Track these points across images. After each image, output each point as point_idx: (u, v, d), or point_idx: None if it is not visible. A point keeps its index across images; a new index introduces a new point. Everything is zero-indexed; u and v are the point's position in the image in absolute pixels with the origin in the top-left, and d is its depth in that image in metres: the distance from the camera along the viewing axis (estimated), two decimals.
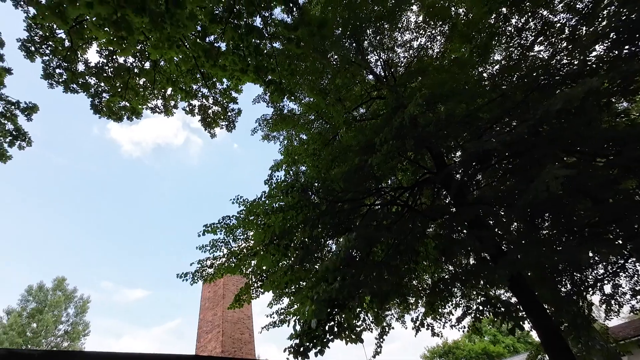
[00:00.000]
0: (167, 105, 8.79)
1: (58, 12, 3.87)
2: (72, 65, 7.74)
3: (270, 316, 6.78)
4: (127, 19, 3.57)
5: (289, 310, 6.92)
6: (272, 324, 6.85)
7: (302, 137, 9.34)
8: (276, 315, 6.87)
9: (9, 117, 7.22)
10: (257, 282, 5.79)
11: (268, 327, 6.81)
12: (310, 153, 5.99)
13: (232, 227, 5.99)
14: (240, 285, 17.32)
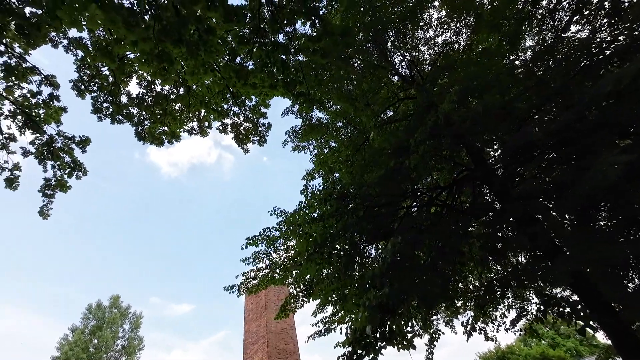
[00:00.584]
0: (202, 126, 9.25)
1: (107, 52, 4.29)
2: (116, 98, 8.40)
3: (315, 325, 6.80)
4: (167, 51, 3.85)
5: (333, 319, 6.91)
6: (318, 333, 6.86)
7: (332, 144, 9.42)
8: (321, 324, 6.88)
9: (66, 150, 7.96)
10: (302, 291, 5.86)
11: (314, 336, 6.83)
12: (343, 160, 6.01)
13: (273, 239, 6.13)
14: (281, 296, 17.57)
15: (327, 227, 4.51)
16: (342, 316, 6.88)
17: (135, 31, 3.37)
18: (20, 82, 7.57)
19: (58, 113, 7.88)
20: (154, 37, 3.63)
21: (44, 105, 7.67)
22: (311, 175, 9.24)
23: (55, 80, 7.82)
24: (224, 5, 5.05)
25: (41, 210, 7.61)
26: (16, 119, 7.55)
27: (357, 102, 6.32)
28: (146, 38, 3.58)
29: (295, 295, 6.01)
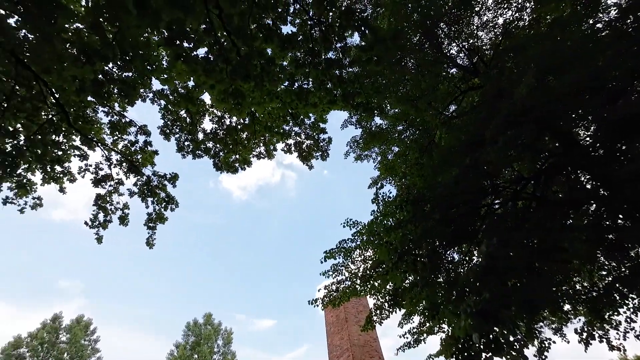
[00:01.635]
0: (268, 149, 9.87)
1: (189, 98, 4.95)
2: (194, 136, 9.46)
3: (403, 337, 6.57)
4: (239, 88, 4.27)
5: (421, 329, 6.61)
6: (407, 344, 6.62)
7: (395, 149, 9.24)
8: (409, 335, 6.63)
9: (161, 187, 9.19)
10: (387, 302, 5.75)
11: (403, 348, 6.60)
12: (412, 163, 5.85)
13: (349, 250, 6.17)
14: (360, 308, 17.39)
15: (406, 234, 4.39)
16: (431, 326, 6.54)
17: (212, 76, 3.83)
18: (121, 135, 9.05)
19: (152, 156, 9.17)
20: (227, 78, 4.07)
21: (141, 151, 9.01)
22: (377, 182, 9.14)
23: (147, 129, 9.15)
24: (278, 36, 5.43)
25: (147, 240, 8.82)
26: (122, 166, 8.99)
27: (418, 102, 6.15)
28: (221, 80, 4.03)
29: (380, 306, 5.92)
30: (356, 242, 5.98)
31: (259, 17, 5.18)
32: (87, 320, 26.61)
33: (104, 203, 8.78)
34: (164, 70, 5.08)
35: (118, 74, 6.43)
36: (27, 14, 4.86)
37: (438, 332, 6.69)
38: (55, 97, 7.87)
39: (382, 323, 5.96)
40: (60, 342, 24.45)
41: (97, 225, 8.59)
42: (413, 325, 6.62)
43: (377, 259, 6.08)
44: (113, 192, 8.91)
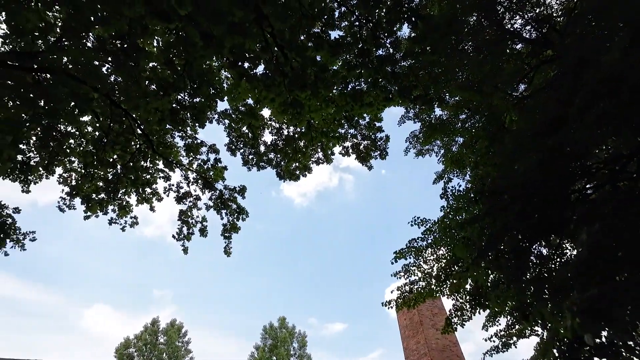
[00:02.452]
0: (326, 154, 10.04)
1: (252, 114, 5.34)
2: (257, 149, 10.05)
3: (489, 340, 6.07)
4: (297, 98, 4.45)
5: (510, 332, 6.04)
6: (494, 348, 6.10)
7: (459, 140, 8.68)
8: (496, 338, 6.10)
9: (232, 199, 9.95)
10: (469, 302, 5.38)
11: (491, 353, 6.09)
12: (482, 152, 5.41)
13: (420, 249, 5.94)
14: (435, 310, 16.53)
15: (484, 228, 4.06)
16: (522, 328, 5.94)
17: (272, 90, 4.06)
18: (195, 155, 10.03)
19: (222, 172, 9.99)
20: (285, 90, 4.28)
21: (212, 168, 9.88)
22: (442, 176, 8.66)
23: (216, 147, 10.01)
24: (328, 42, 5.53)
25: (225, 249, 9.59)
26: (198, 183, 9.95)
27: (482, 86, 5.71)
28: (279, 92, 4.25)
29: (460, 307, 5.56)
30: (427, 240, 5.73)
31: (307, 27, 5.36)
32: (179, 324, 29.73)
33: (186, 217, 9.79)
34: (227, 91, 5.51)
35: (189, 101, 7.19)
36: (116, 60, 5.71)
37: (530, 335, 6.05)
38: (141, 129, 9.07)
39: (464, 325, 5.58)
40: (159, 344, 27.71)
41: (182, 238, 9.60)
42: (500, 327, 6.08)
43: (451, 257, 5.75)
44: (192, 207, 9.89)
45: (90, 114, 8.53)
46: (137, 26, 4.84)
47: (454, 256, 5.11)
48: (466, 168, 7.25)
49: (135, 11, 3.73)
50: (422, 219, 6.26)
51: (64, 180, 9.19)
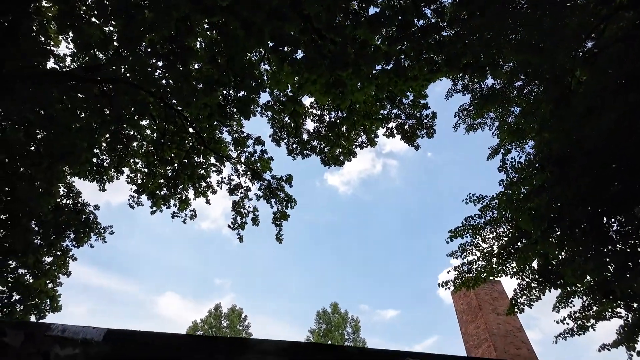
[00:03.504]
0: (369, 137, 9.86)
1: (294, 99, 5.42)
2: (300, 138, 10.19)
3: (562, 322, 5.61)
4: (339, 77, 4.40)
5: (586, 314, 5.52)
6: (569, 331, 5.62)
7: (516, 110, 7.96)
8: (570, 320, 5.62)
9: (280, 189, 10.26)
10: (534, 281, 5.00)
11: (564, 336, 5.63)
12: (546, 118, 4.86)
13: (477, 227, 5.63)
14: (494, 294, 15.67)
15: (554, 199, 3.67)
16: (601, 310, 5.39)
17: (313, 71, 4.05)
18: (242, 148, 10.46)
19: (268, 163, 10.31)
20: (326, 70, 4.24)
21: (259, 159, 10.24)
22: (497, 151, 8.04)
23: (261, 139, 10.34)
24: (366, 18, 5.35)
25: (277, 236, 9.97)
26: (247, 175, 10.40)
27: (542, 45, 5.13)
28: (321, 73, 4.23)
29: (527, 285, 5.18)
30: (485, 217, 5.40)
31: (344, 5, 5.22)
32: (239, 310, 31.79)
33: (239, 208, 10.31)
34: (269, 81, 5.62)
35: (234, 95, 7.48)
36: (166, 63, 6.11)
37: (612, 317, 5.47)
38: (193, 127, 9.68)
39: (532, 306, 5.21)
40: (223, 327, 29.95)
41: (237, 227, 10.15)
42: (574, 308, 5.58)
43: (514, 234, 5.36)
44: (244, 198, 10.38)
45: (148, 117, 9.30)
46: (183, 27, 5.10)
47: (520, 231, 4.75)
48: (526, 139, 6.64)
49: (182, 11, 3.93)
50: (479, 195, 5.90)
51: (131, 180, 10.15)
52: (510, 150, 6.26)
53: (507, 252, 5.17)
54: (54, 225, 7.41)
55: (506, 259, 5.37)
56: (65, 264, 8.04)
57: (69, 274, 8.12)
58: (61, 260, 7.54)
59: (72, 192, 7.56)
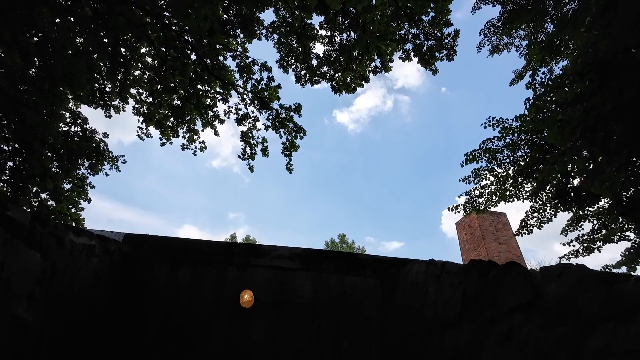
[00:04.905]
0: (384, 61, 9.16)
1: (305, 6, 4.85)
2: (308, 63, 9.55)
3: (568, 244, 5.72)
4: None
5: (594, 237, 5.58)
6: (573, 253, 5.76)
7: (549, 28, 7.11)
8: (577, 243, 5.72)
9: (288, 119, 9.97)
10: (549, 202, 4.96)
11: (569, 257, 5.79)
12: (587, 25, 4.25)
13: (495, 151, 5.43)
14: (499, 225, 16.11)
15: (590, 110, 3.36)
16: (609, 234, 5.43)
17: None
18: (248, 75, 9.92)
19: (276, 91, 9.85)
20: None
21: (267, 87, 9.77)
22: (522, 75, 7.42)
23: (267, 65, 9.73)
24: None
25: (287, 166, 10.00)
26: (255, 104, 10.04)
27: None
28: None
29: (540, 208, 5.16)
30: (504, 139, 5.17)
31: None
32: (252, 239, 33.90)
33: (248, 138, 10.19)
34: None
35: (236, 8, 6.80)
36: None
37: (620, 239, 5.54)
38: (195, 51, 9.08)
39: (542, 227, 5.26)
40: None
41: (246, 157, 10.16)
42: (583, 232, 5.64)
43: (531, 158, 5.17)
44: (252, 128, 10.19)
45: (147, 42, 8.70)
46: None
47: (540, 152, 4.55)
48: (558, 57, 6.02)
49: None
50: (499, 119, 5.59)
51: (137, 111, 9.92)
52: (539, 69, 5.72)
53: (525, 175, 5.05)
54: (66, 153, 7.47)
55: (522, 182, 5.27)
56: (84, 190, 8.31)
57: (89, 201, 8.46)
58: (79, 186, 7.78)
59: (79, 119, 7.46)
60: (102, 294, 2.87)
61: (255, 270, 3.64)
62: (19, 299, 1.62)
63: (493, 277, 1.71)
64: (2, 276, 1.47)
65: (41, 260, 1.78)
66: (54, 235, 1.87)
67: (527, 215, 5.37)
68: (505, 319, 1.54)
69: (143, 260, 3.41)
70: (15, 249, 1.58)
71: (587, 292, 1.12)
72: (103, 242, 2.64)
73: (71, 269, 2.09)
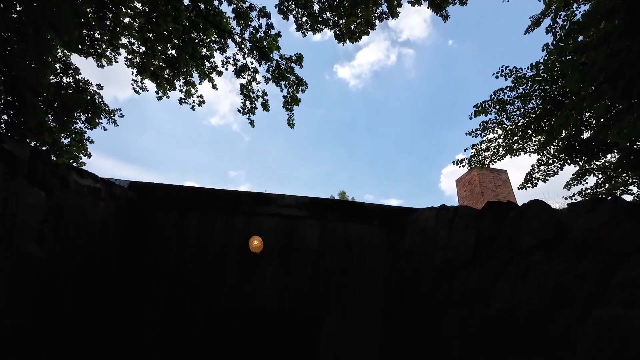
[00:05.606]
0: (391, 6, 8.52)
1: None
2: (310, 9, 8.89)
3: (571, 198, 5.75)
4: None
5: (598, 190, 5.58)
6: None
7: None
8: (579, 196, 5.74)
9: (289, 70, 9.51)
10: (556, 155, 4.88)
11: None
12: None
13: (506, 102, 5.24)
14: (498, 182, 16.19)
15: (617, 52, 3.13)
16: (613, 187, 5.42)
17: None
18: (246, 22, 9.28)
19: (276, 40, 9.28)
20: None
21: (266, 36, 9.19)
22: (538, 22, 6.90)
23: (266, 10, 9.06)
24: None
25: (288, 121, 9.76)
26: (254, 54, 9.51)
27: None
28: None
29: (546, 161, 5.10)
30: (517, 90, 4.95)
31: None
32: None
33: (247, 92, 9.81)
34: None
35: None
36: None
37: (623, 193, 5.55)
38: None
39: (547, 180, 5.24)
40: None
41: (247, 112, 9.87)
42: (586, 186, 5.63)
43: (543, 110, 4.98)
44: (252, 80, 9.76)
45: None
46: None
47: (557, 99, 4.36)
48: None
49: None
50: (513, 68, 5.31)
51: (130, 62, 9.43)
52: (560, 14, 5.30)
53: (535, 128, 4.91)
54: (61, 106, 7.22)
55: (530, 135, 5.15)
56: (83, 145, 8.18)
57: (89, 156, 8.36)
58: (78, 140, 7.63)
59: (70, 69, 7.10)
60: (111, 240, 2.89)
61: (263, 218, 3.67)
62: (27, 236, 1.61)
63: (511, 218, 1.69)
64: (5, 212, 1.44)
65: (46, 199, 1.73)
66: (56, 174, 1.81)
67: (533, 169, 5.32)
68: (522, 258, 1.54)
69: (151, 208, 3.41)
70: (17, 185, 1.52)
71: (619, 225, 1.09)
72: (108, 186, 2.60)
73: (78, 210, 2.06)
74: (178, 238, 3.46)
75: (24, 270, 1.63)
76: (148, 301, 3.32)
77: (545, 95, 5.00)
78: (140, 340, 3.14)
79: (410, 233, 3.12)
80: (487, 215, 1.93)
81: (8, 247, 1.48)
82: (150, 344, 3.16)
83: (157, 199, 3.48)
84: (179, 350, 3.28)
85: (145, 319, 3.21)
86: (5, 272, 1.51)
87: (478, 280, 1.87)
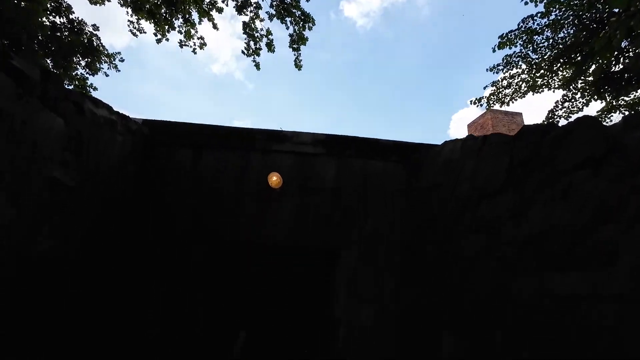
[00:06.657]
0: None
1: None
2: None
3: None
4: None
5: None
6: None
7: None
8: None
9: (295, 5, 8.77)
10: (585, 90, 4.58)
11: None
12: None
13: (534, 32, 4.81)
14: (512, 126, 15.69)
15: None
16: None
17: None
18: None
19: None
20: None
21: None
22: None
23: None
24: None
25: (295, 62, 9.27)
26: None
27: None
28: None
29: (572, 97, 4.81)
30: (549, 17, 4.50)
31: None
32: None
33: (250, 31, 9.18)
34: None
35: None
36: None
37: None
38: None
39: (570, 117, 5.01)
40: None
41: (251, 53, 9.34)
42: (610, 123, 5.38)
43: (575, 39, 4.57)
44: (255, 17, 9.08)
45: None
46: None
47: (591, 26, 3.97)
48: None
49: None
50: None
51: (124, 0, 8.75)
52: None
53: (563, 60, 4.56)
54: (59, 49, 6.90)
55: (557, 69, 4.81)
56: (86, 92, 7.97)
57: None
58: (81, 86, 7.42)
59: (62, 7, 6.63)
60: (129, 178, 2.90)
61: (278, 155, 3.63)
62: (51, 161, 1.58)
63: (552, 138, 1.60)
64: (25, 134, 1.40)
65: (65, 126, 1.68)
66: (70, 100, 1.73)
67: (556, 105, 5.05)
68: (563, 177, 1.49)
69: (165, 144, 3.37)
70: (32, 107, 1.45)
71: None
72: (124, 119, 2.53)
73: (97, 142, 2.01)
74: (195, 174, 3.46)
75: (52, 198, 1.63)
76: (166, 243, 3.42)
77: (579, 22, 4.56)
78: (153, 289, 3.29)
79: (432, 167, 3.06)
80: (523, 138, 1.84)
81: (33, 170, 1.45)
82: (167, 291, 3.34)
83: (171, 136, 3.42)
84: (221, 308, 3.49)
85: (163, 261, 3.33)
86: (32, 198, 1.50)
87: (509, 205, 1.84)
